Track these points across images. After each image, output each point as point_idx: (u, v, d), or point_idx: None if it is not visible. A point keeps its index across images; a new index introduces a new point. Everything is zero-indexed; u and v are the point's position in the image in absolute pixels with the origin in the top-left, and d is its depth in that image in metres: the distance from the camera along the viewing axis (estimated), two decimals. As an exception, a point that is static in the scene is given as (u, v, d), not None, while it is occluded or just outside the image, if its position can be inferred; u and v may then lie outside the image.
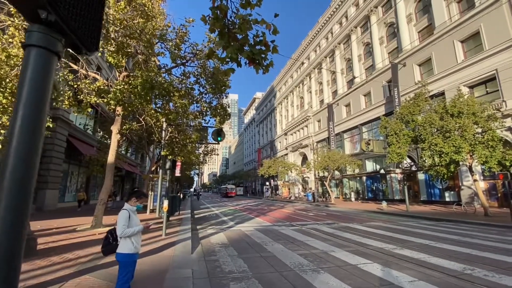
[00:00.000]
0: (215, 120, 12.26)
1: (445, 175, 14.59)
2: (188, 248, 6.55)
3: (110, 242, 3.07)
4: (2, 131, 8.31)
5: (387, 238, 8.23)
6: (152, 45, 9.52)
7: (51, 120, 8.94)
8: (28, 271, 4.44)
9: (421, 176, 23.41)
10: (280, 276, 4.78)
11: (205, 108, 11.68)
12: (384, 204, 18.66)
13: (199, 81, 11.22)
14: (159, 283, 4.02)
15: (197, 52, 10.78)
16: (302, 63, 47.13)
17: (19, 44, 8.35)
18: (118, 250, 3.01)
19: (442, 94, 20.59)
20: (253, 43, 3.60)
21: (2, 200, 0.91)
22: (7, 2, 4.67)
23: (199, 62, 11.01)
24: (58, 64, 9.76)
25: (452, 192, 20.53)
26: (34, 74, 1.01)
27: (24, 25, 8.95)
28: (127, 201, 3.22)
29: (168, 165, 8.23)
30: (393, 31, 27.52)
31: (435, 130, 14.58)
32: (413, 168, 23.71)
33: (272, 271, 5.09)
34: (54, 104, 9.30)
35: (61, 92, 9.60)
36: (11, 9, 8.62)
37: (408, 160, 23.52)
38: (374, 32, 29.67)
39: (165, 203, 7.83)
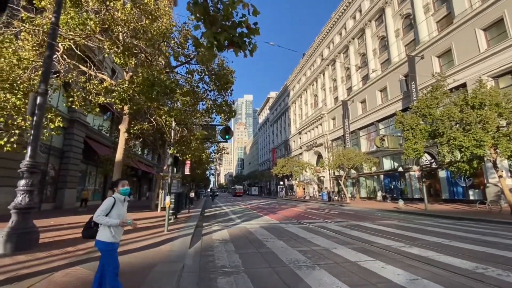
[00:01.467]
0: (221, 118, 12.25)
1: (468, 172, 13.64)
2: (186, 244, 6.51)
3: (91, 226, 3.04)
4: (17, 131, 8.73)
5: (396, 236, 7.76)
6: (155, 43, 9.64)
7: (61, 119, 9.27)
8: (24, 262, 4.57)
9: (442, 173, 22.13)
10: (272, 271, 4.59)
11: (209, 106, 11.69)
12: (400, 202, 17.82)
13: (203, 78, 11.25)
14: (143, 276, 3.97)
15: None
16: (322, 59, 46.28)
17: (30, 48, 8.77)
18: (97, 237, 2.97)
19: (463, 86, 19.37)
20: (232, 25, 3.46)
21: None
22: (21, 9, 4.94)
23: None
24: (67, 65, 10.10)
25: (476, 190, 19.21)
26: None
27: (35, 29, 9.40)
28: (114, 192, 3.19)
29: (169, 161, 8.28)
30: (410, 23, 26.33)
31: (454, 123, 13.68)
32: (433, 165, 22.45)
33: (265, 266, 4.91)
34: (64, 105, 9.75)
35: (71, 93, 9.97)
36: (23, 15, 9.08)
37: (428, 157, 22.34)
38: (390, 25, 28.54)
39: (167, 199, 7.87)
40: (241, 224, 10.98)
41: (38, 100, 5.96)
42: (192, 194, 23.35)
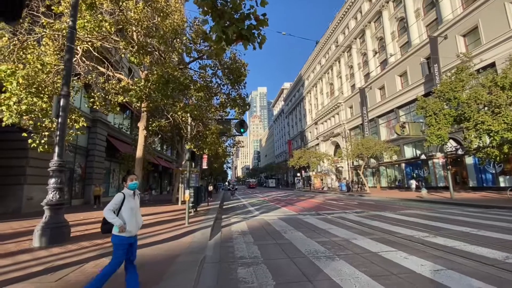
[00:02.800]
0: (235, 112, 12.29)
1: (498, 158, 12.88)
2: (206, 235, 6.70)
3: (107, 222, 3.12)
4: (46, 133, 9.28)
5: (420, 226, 7.52)
6: (167, 40, 9.76)
7: (83, 119, 9.72)
8: (58, 254, 4.91)
9: (469, 160, 21.02)
10: (291, 262, 4.62)
11: (224, 100, 11.74)
12: (423, 191, 17.17)
13: (216, 73, 11.28)
14: (167, 266, 4.14)
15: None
16: (335, 46, 44.84)
17: (52, 52, 9.18)
18: (112, 232, 3.06)
19: (492, 65, 18.08)
20: (240, 18, 3.43)
21: None
22: (41, 16, 5.22)
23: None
24: (86, 67, 10.48)
25: (507, 177, 18.10)
26: None
27: (56, 34, 9.81)
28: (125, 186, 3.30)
29: (187, 156, 8.47)
30: (431, 1, 24.78)
31: (482, 106, 12.87)
32: (459, 152, 21.34)
33: (284, 257, 4.95)
34: (86, 106, 10.22)
35: (92, 94, 10.40)
36: (43, 21, 9.49)
37: (453, 143, 21.27)
38: (409, 5, 26.98)
39: (186, 193, 8.09)
40: (259, 216, 11.10)
41: (62, 102, 6.27)
42: (211, 188, 23.85)
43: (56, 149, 6.14)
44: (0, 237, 6.40)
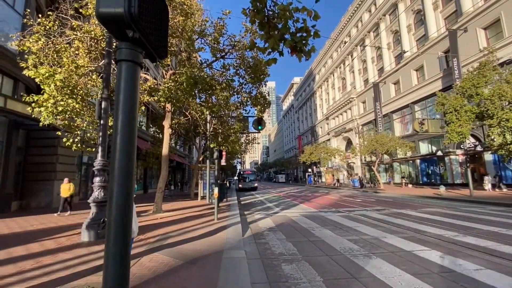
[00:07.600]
0: (255, 110, 12.46)
1: (521, 155, 12.69)
2: (239, 232, 6.99)
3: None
4: (78, 132, 9.73)
5: (446, 225, 7.61)
6: (193, 42, 9.96)
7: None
8: (110, 248, 5.28)
9: (488, 156, 20.64)
10: (330, 259, 4.85)
11: (245, 99, 11.92)
12: (442, 188, 17.06)
13: (238, 72, 11.44)
14: (217, 261, 4.43)
15: (235, 43, 10.96)
16: (344, 42, 44.11)
17: (84, 55, 9.54)
18: None
19: (515, 60, 17.56)
20: (294, 31, 3.59)
21: (114, 187, 1.15)
22: (69, 18, 5.55)
23: (237, 53, 11.19)
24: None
25: (529, 174, 17.75)
26: (126, 84, 1.24)
27: (84, 37, 10.15)
28: None
29: (215, 155, 8.74)
30: (450, -7, 24.02)
31: (507, 103, 12.64)
32: (478, 148, 20.99)
33: (321, 254, 5.18)
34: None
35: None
36: (74, 24, 9.81)
37: (472, 140, 20.91)
38: (426, -3, 26.27)
39: (215, 190, 8.38)
40: (280, 213, 11.35)
41: (103, 104, 6.59)
42: (227, 184, 24.29)
43: (100, 150, 6.50)
44: (50, 232, 6.87)
